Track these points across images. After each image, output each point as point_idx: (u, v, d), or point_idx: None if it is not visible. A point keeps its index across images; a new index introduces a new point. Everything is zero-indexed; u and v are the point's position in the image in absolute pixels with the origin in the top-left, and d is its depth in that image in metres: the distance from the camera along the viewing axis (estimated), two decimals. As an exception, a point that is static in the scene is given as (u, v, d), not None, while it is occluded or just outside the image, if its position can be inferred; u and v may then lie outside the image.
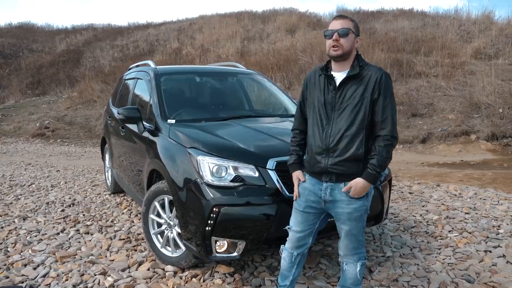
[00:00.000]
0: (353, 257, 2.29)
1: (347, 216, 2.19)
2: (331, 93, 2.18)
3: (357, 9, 22.39)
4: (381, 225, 4.09)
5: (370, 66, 2.17)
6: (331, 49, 2.14)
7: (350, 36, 2.13)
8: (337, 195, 2.18)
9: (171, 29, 24.04)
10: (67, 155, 10.46)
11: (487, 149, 9.07)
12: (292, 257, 2.42)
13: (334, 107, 2.16)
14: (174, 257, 3.16)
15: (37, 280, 3.08)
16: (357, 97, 2.11)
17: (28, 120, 15.37)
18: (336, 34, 2.12)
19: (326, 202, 2.23)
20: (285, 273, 2.47)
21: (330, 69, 2.23)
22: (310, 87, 2.31)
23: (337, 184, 2.18)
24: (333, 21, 2.17)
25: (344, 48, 2.12)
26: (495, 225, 4.17)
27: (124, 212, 4.77)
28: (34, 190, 6.03)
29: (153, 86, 3.95)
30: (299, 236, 2.36)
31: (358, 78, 2.13)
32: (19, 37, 26.50)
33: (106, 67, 20.45)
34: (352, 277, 2.31)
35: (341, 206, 2.19)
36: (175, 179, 2.95)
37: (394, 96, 2.18)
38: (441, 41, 15.29)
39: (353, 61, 2.17)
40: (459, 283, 2.95)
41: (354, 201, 2.16)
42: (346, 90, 2.14)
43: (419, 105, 10.79)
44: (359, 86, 2.12)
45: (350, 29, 2.13)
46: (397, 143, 2.18)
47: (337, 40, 2.11)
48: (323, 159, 2.17)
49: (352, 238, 2.25)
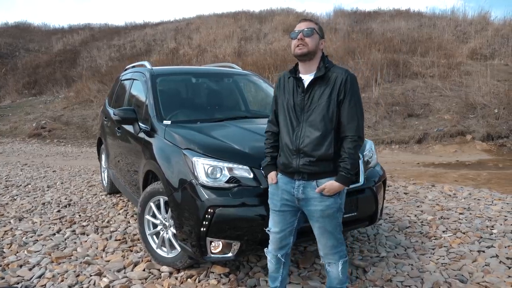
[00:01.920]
0: (334, 256, 2.31)
1: (320, 213, 2.24)
2: (299, 95, 2.24)
3: (354, 9, 22.48)
4: (376, 226, 4.11)
5: (336, 67, 2.25)
6: (296, 48, 2.22)
7: (314, 36, 2.22)
8: (310, 193, 2.24)
9: (168, 29, 24.03)
10: (63, 155, 10.45)
11: (482, 150, 9.12)
12: (277, 259, 2.46)
13: (303, 109, 2.23)
14: (169, 258, 3.17)
15: (32, 281, 3.08)
16: (324, 98, 2.18)
17: (24, 120, 15.34)
18: (301, 33, 2.21)
19: (299, 200, 2.28)
20: (274, 275, 2.51)
21: (299, 72, 2.30)
22: (280, 90, 2.38)
23: (309, 182, 2.24)
24: (298, 24, 2.27)
25: (309, 47, 2.19)
26: (488, 225, 4.20)
27: (120, 212, 4.77)
28: (30, 191, 6.03)
29: (149, 87, 3.96)
30: (279, 236, 2.40)
31: (325, 79, 2.20)
32: (16, 36, 26.42)
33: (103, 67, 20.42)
34: (337, 278, 2.34)
35: (313, 203, 2.24)
36: (170, 180, 2.97)
37: (360, 97, 2.25)
38: (437, 41, 15.36)
39: (319, 62, 2.25)
40: (452, 283, 2.97)
41: (326, 199, 2.21)
42: (314, 92, 2.21)
43: (415, 106, 10.84)
44: (326, 87, 2.19)
45: (314, 29, 2.22)
46: (363, 142, 2.28)
47: (302, 39, 2.20)
48: (294, 160, 2.24)
49: (328, 235, 2.28)
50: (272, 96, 4.50)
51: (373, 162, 3.40)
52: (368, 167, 3.26)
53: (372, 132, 10.23)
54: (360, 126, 2.19)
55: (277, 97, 2.41)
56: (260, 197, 2.70)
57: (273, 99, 2.47)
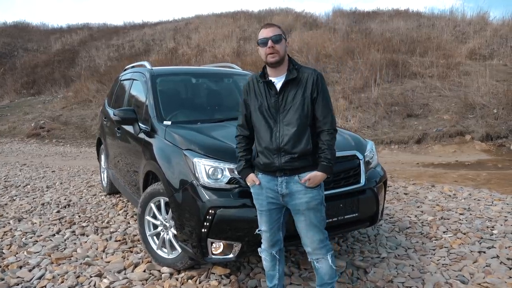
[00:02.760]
0: (322, 250, 2.35)
1: (306, 205, 2.29)
2: (273, 97, 2.30)
3: (353, 9, 22.49)
4: (376, 226, 4.11)
5: (304, 68, 2.34)
6: (268, 56, 2.26)
7: (282, 41, 2.27)
8: (293, 187, 2.30)
9: (167, 29, 24.00)
10: (62, 155, 10.43)
11: (481, 150, 9.12)
12: (272, 256, 2.51)
13: (278, 110, 2.29)
14: (170, 259, 3.16)
15: (32, 282, 3.07)
16: (298, 98, 2.26)
17: (23, 120, 15.31)
18: (270, 41, 2.24)
19: (283, 196, 2.33)
20: (271, 273, 2.54)
21: (267, 75, 2.35)
22: (251, 95, 2.41)
23: (291, 177, 2.30)
24: (262, 30, 2.29)
25: (280, 54, 2.25)
26: (489, 226, 4.20)
27: (120, 213, 4.76)
28: (29, 191, 6.01)
29: (149, 87, 3.95)
30: (269, 234, 2.45)
31: (296, 80, 2.28)
32: (14, 36, 26.36)
33: (102, 67, 20.40)
34: (328, 272, 2.38)
35: (298, 196, 2.30)
36: (171, 180, 2.96)
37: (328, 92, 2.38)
38: (436, 41, 15.37)
39: (288, 65, 2.32)
40: (453, 283, 2.97)
41: (310, 191, 2.29)
42: (288, 93, 2.28)
43: (414, 106, 10.84)
44: (298, 88, 2.28)
45: (281, 35, 2.27)
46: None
47: (272, 47, 2.23)
48: (276, 159, 2.29)
49: (315, 229, 2.32)
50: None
51: (374, 163, 3.39)
52: (369, 168, 3.26)
53: (372, 132, 10.24)
54: (334, 120, 2.32)
55: (246, 102, 2.44)
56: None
57: (241, 104, 2.49)
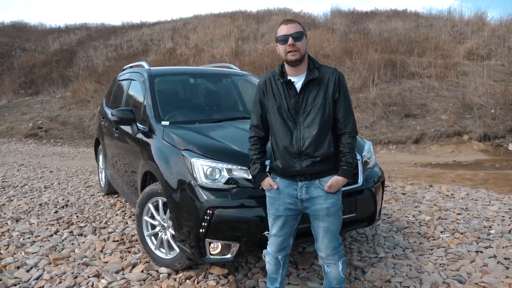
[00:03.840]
0: (334, 257, 2.30)
1: (326, 211, 2.22)
2: (293, 98, 2.19)
3: (351, 10, 22.54)
4: (374, 226, 4.12)
5: (324, 67, 2.24)
6: (288, 54, 2.15)
7: (303, 38, 2.17)
8: (313, 192, 2.23)
9: (165, 29, 23.98)
10: (60, 155, 10.41)
11: (479, 150, 9.14)
12: (277, 260, 2.44)
13: (298, 111, 2.19)
14: (168, 259, 3.16)
15: (30, 282, 3.07)
16: (319, 99, 2.16)
17: (21, 120, 15.28)
18: (290, 38, 2.13)
19: (302, 201, 2.25)
20: (273, 276, 2.49)
21: (286, 74, 2.23)
22: (268, 95, 2.27)
23: (312, 181, 2.22)
24: (282, 26, 2.18)
25: (301, 52, 2.15)
26: (486, 225, 4.21)
27: (118, 213, 4.76)
28: (27, 191, 6.00)
29: (147, 88, 3.94)
30: (280, 239, 2.38)
31: (317, 80, 2.18)
32: (12, 36, 26.31)
33: (100, 67, 20.38)
34: (337, 277, 2.33)
35: (319, 202, 2.22)
36: (169, 181, 2.96)
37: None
38: (434, 42, 15.39)
39: (308, 63, 2.21)
40: (451, 283, 2.98)
41: (331, 196, 2.22)
42: (308, 94, 2.18)
43: (412, 106, 10.86)
44: (319, 88, 2.18)
45: (302, 31, 2.16)
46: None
47: (293, 44, 2.13)
48: (297, 162, 2.19)
49: (331, 235, 2.27)
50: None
51: (372, 163, 3.40)
52: (366, 168, 3.26)
53: (370, 132, 10.25)
54: (355, 122, 2.26)
55: (262, 101, 2.32)
56: (259, 199, 2.68)
57: (256, 104, 2.36)
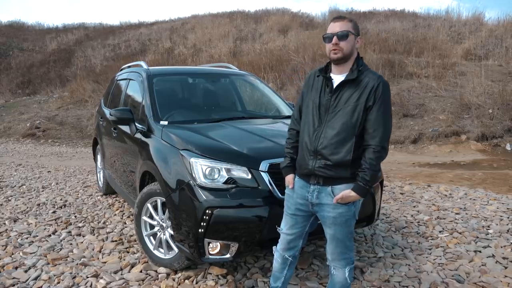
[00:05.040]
0: (341, 262, 2.26)
1: (332, 220, 2.17)
2: (327, 95, 2.14)
3: (349, 10, 22.56)
4: (373, 226, 4.12)
5: (369, 71, 2.12)
6: (331, 52, 2.09)
7: (349, 38, 2.08)
8: (324, 199, 2.16)
9: (163, 29, 23.96)
10: (58, 155, 10.38)
11: (477, 150, 9.17)
12: (284, 258, 2.43)
13: (328, 110, 2.12)
14: (166, 259, 3.16)
15: (28, 283, 3.06)
16: (351, 102, 2.06)
17: (18, 120, 15.22)
18: (335, 37, 2.07)
19: (313, 205, 2.22)
20: (277, 274, 2.49)
21: (330, 71, 2.19)
22: (308, 87, 2.27)
23: (324, 187, 2.16)
24: (331, 24, 2.12)
25: (344, 51, 2.08)
26: (484, 225, 4.22)
27: (116, 213, 4.75)
28: (25, 191, 5.98)
29: (146, 87, 3.94)
30: (289, 238, 2.37)
31: (355, 82, 2.08)
32: (9, 36, 26.22)
33: (98, 67, 20.33)
34: (341, 282, 2.29)
35: (326, 209, 2.17)
36: (167, 181, 2.95)
37: (391, 107, 2.11)
38: (432, 42, 15.43)
39: (352, 64, 2.13)
40: (450, 283, 2.98)
41: (339, 206, 2.13)
42: (342, 94, 2.10)
43: (410, 106, 10.88)
44: (355, 91, 2.07)
45: (349, 31, 2.08)
46: (387, 153, 2.13)
47: (336, 43, 2.07)
48: (311, 161, 2.16)
49: (337, 242, 2.22)
50: (268, 96, 4.56)
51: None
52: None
53: (368, 132, 10.25)
54: (385, 137, 2.05)
55: (304, 94, 2.30)
56: (258, 198, 2.70)
57: (300, 96, 2.35)
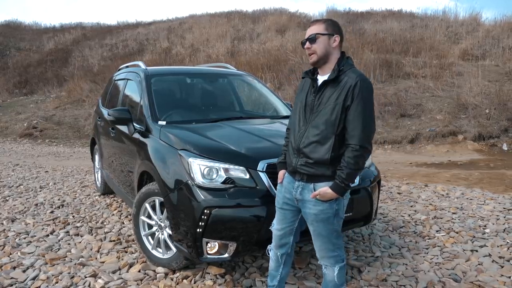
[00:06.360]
0: (330, 260, 2.28)
1: (314, 217, 2.21)
2: (312, 95, 2.22)
3: (347, 10, 22.58)
4: (370, 226, 4.14)
5: (351, 71, 2.12)
6: (309, 57, 2.18)
7: (320, 40, 2.13)
8: (306, 195, 2.22)
9: (161, 28, 23.93)
10: (55, 155, 10.36)
11: (474, 149, 9.21)
12: (277, 256, 2.47)
13: (312, 109, 2.19)
14: (165, 259, 3.16)
15: (26, 283, 3.06)
16: (331, 101, 2.10)
17: (15, 120, 15.18)
18: (307, 42, 2.16)
19: (298, 201, 2.28)
20: (273, 273, 2.53)
21: (317, 73, 2.25)
22: (300, 89, 2.37)
23: (307, 184, 2.22)
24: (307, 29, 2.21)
25: (318, 53, 2.14)
26: (481, 224, 4.24)
27: (114, 213, 4.75)
28: (23, 192, 5.97)
29: (144, 87, 3.94)
30: (279, 234, 2.42)
31: (336, 82, 2.12)
32: (6, 35, 26.13)
33: (95, 67, 20.29)
34: (332, 281, 2.30)
35: (308, 206, 2.22)
36: (166, 181, 2.96)
37: (372, 104, 2.11)
38: (429, 42, 15.46)
39: (335, 64, 2.16)
40: (446, 282, 3.00)
41: (320, 203, 2.17)
42: (324, 94, 2.15)
43: (407, 106, 10.91)
44: (335, 90, 2.11)
45: (317, 33, 2.14)
46: (370, 153, 2.12)
47: (308, 48, 2.16)
48: (294, 159, 2.24)
49: (323, 239, 2.25)
50: (266, 96, 4.57)
51: (368, 163, 3.41)
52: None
53: (365, 132, 10.27)
54: (364, 136, 2.05)
55: (296, 95, 2.40)
56: (256, 198, 2.71)
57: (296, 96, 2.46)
